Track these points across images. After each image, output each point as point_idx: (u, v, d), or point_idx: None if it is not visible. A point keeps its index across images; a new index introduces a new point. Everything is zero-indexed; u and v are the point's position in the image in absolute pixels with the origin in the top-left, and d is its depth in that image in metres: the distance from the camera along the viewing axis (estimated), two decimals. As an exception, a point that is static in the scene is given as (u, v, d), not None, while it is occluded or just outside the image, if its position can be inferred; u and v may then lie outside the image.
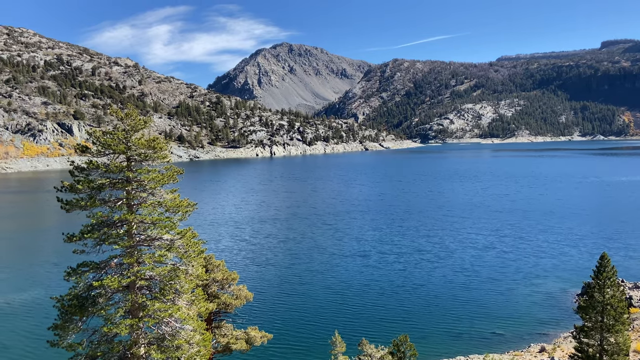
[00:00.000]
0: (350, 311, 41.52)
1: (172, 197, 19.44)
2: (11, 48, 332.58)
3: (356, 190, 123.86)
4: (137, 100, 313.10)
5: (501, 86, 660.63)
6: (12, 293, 46.61)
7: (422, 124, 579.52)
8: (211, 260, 26.44)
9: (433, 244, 64.10)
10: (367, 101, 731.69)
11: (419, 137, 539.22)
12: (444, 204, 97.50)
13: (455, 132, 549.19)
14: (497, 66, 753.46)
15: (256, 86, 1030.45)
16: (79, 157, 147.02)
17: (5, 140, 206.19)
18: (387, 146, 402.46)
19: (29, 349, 34.86)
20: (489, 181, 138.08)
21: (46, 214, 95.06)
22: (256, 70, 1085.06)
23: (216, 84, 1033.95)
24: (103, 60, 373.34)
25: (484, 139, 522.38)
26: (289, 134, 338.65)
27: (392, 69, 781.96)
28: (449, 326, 38.21)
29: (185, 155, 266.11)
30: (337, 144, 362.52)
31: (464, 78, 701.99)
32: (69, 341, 17.56)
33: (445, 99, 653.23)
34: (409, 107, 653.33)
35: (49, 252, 63.00)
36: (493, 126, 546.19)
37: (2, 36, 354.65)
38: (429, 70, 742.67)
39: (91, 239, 18.13)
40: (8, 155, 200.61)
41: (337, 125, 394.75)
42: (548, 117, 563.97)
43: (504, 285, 47.25)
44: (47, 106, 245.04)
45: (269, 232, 73.77)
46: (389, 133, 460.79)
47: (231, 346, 25.82)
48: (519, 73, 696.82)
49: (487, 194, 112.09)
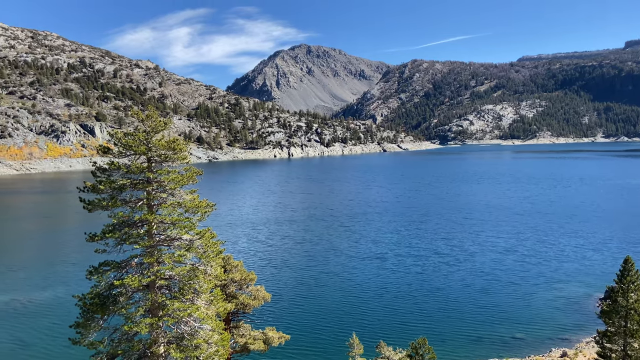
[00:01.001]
0: (368, 313, 41.34)
1: (192, 197, 19.64)
2: (35, 51, 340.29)
3: (373, 192, 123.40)
4: (157, 102, 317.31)
5: (522, 87, 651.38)
6: (34, 291, 47.62)
7: (441, 125, 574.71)
8: (229, 261, 26.61)
9: (452, 246, 63.45)
10: (386, 102, 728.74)
11: (437, 138, 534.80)
12: (463, 206, 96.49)
13: (474, 133, 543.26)
14: (518, 66, 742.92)
15: (274, 88, 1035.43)
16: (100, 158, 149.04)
17: (29, 142, 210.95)
18: (406, 147, 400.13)
19: (51, 346, 35.54)
20: (509, 183, 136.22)
21: (69, 214, 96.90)
22: (274, 71, 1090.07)
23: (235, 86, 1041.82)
24: (124, 63, 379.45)
25: (504, 141, 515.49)
26: (307, 136, 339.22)
27: (410, 70, 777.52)
28: (468, 330, 37.76)
29: (204, 157, 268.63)
30: (355, 145, 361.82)
31: (484, 79, 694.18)
32: (90, 339, 17.87)
33: (465, 100, 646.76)
34: (427, 108, 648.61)
35: (71, 252, 64.18)
36: (514, 127, 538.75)
37: (27, 39, 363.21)
38: (448, 71, 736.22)
39: (112, 238, 18.42)
40: (32, 156, 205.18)
41: (355, 127, 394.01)
42: (570, 118, 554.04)
43: (525, 290, 46.49)
44: (70, 108, 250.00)
45: (285, 233, 73.95)
46: (407, 134, 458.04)
47: (249, 346, 25.94)
48: (541, 73, 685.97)
49: (507, 196, 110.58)
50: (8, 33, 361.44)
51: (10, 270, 55.32)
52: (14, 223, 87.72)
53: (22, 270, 55.37)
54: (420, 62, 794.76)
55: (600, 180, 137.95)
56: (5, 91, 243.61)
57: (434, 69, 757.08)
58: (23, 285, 49.63)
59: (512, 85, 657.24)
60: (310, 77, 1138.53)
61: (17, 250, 66.05)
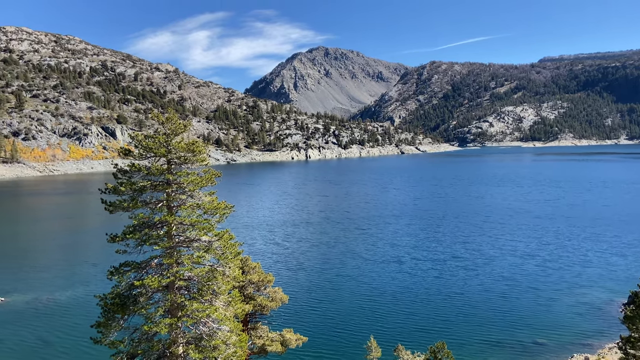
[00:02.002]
0: (385, 317, 41.09)
1: (210, 199, 19.82)
2: (59, 55, 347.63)
3: (391, 195, 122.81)
4: (176, 104, 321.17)
5: (543, 88, 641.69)
6: (57, 291, 48.52)
7: (460, 127, 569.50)
8: (247, 262, 26.75)
9: (470, 250, 62.72)
10: (404, 104, 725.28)
11: (456, 140, 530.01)
12: (482, 210, 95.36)
13: (494, 135, 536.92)
14: (539, 67, 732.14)
15: (292, 90, 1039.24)
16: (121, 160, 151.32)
17: (53, 144, 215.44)
18: (424, 150, 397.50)
19: (72, 345, 36.14)
20: (529, 186, 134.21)
21: (90, 215, 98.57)
22: (292, 74, 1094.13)
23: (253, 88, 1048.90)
24: (145, 66, 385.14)
25: (525, 143, 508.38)
26: (325, 138, 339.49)
27: (429, 72, 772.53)
28: (487, 335, 37.26)
29: (223, 159, 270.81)
30: (373, 147, 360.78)
31: (504, 80, 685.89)
32: (111, 339, 18.15)
33: (485, 102, 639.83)
34: (446, 110, 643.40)
35: (92, 252, 65.27)
36: (535, 129, 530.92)
37: (51, 44, 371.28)
38: (467, 73, 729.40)
39: (133, 239, 18.69)
40: (55, 158, 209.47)
41: (372, 129, 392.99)
42: (593, 120, 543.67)
43: (546, 295, 45.67)
44: (92, 111, 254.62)
45: (302, 235, 73.99)
46: (425, 136, 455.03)
47: (267, 348, 26.02)
48: (563, 74, 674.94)
49: (528, 199, 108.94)
50: (32, 37, 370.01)
51: (33, 270, 56.51)
52: (37, 224, 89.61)
53: (44, 270, 56.51)
54: (439, 63, 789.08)
55: (624, 184, 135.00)
56: (29, 94, 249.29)
57: (452, 70, 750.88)
58: (45, 284, 50.62)
59: (533, 87, 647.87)
60: (328, 79, 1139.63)
61: (40, 251, 67.44)
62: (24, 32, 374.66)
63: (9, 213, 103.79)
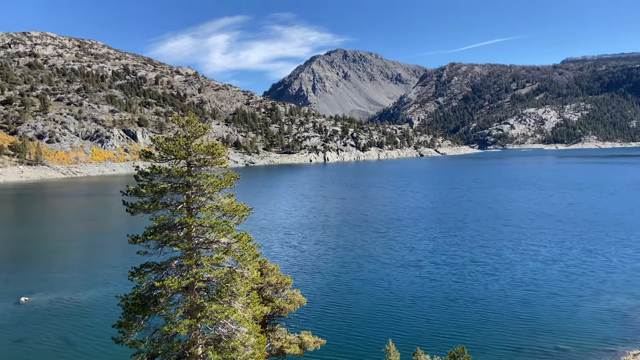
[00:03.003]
0: (403, 321, 40.76)
1: (229, 201, 19.96)
2: (82, 59, 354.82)
3: (409, 198, 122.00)
4: (196, 107, 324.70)
5: (566, 89, 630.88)
6: (79, 291, 49.38)
7: (481, 129, 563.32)
8: (266, 264, 26.85)
9: (490, 255, 61.84)
10: (423, 106, 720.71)
11: (477, 142, 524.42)
12: (502, 213, 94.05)
13: (516, 137, 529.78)
14: (561, 69, 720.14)
15: (310, 92, 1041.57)
16: (142, 162, 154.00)
17: (76, 146, 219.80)
18: (443, 152, 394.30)
19: (94, 345, 36.71)
20: (552, 189, 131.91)
21: (112, 216, 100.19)
22: (310, 76, 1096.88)
23: (271, 91, 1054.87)
24: (165, 70, 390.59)
25: (547, 145, 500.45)
26: (343, 140, 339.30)
27: (449, 73, 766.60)
28: (507, 340, 36.69)
29: (241, 161, 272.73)
30: (392, 149, 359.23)
31: (526, 81, 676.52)
32: (132, 339, 18.39)
33: (506, 104, 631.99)
34: (466, 112, 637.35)
35: (114, 253, 66.30)
36: (557, 131, 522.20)
37: (74, 48, 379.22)
38: (488, 74, 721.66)
39: (153, 240, 18.93)
40: (78, 160, 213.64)
41: (391, 131, 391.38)
42: (617, 122, 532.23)
43: (569, 301, 44.74)
44: (114, 114, 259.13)
45: (319, 238, 73.87)
46: (445, 139, 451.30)
47: (285, 350, 26.05)
48: (586, 76, 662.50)
49: (550, 202, 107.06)
50: (56, 42, 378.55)
51: (56, 271, 57.66)
52: (60, 225, 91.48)
53: (67, 271, 57.60)
54: (458, 65, 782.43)
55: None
56: (53, 98, 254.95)
57: (473, 72, 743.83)
58: (68, 285, 51.58)
59: (556, 88, 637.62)
60: (346, 82, 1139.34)
61: (62, 252, 68.78)
62: (48, 37, 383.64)
63: (33, 214, 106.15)
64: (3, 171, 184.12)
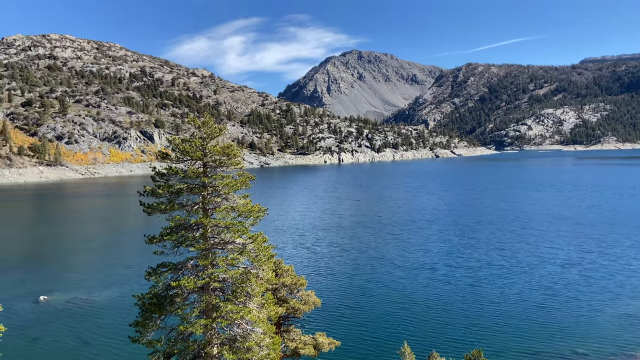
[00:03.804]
0: (418, 324, 40.47)
1: (245, 202, 20.05)
2: (100, 61, 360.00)
3: (424, 199, 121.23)
4: (212, 109, 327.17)
5: (585, 90, 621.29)
6: (96, 291, 50.04)
7: (497, 130, 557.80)
8: (280, 265, 26.89)
9: (507, 258, 61.06)
10: (438, 107, 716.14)
11: (493, 143, 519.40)
12: (519, 215, 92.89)
13: (533, 138, 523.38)
14: (580, 69, 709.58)
15: (325, 94, 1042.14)
16: (159, 163, 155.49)
17: (94, 147, 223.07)
18: (459, 153, 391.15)
19: (111, 344, 37.14)
20: (570, 191, 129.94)
21: (128, 217, 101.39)
22: (325, 77, 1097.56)
23: (286, 92, 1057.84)
24: (182, 72, 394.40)
25: (565, 146, 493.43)
26: (357, 141, 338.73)
27: (465, 74, 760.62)
28: (524, 345, 36.18)
29: (256, 162, 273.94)
30: (407, 150, 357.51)
31: (544, 82, 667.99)
32: (148, 338, 18.57)
33: (523, 104, 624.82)
34: (482, 113, 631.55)
35: (130, 253, 67.06)
36: (576, 132, 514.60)
37: (92, 50, 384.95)
38: (505, 75, 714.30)
39: (170, 240, 19.10)
40: (96, 161, 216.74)
41: (406, 132, 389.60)
42: (638, 123, 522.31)
43: (587, 305, 43.96)
44: (131, 115, 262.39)
45: (332, 240, 73.71)
46: (461, 140, 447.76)
47: (299, 351, 26.05)
48: (605, 76, 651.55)
49: (569, 205, 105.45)
50: (75, 45, 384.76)
51: (73, 270, 58.55)
52: (77, 225, 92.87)
53: (84, 270, 58.44)
54: (475, 65, 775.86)
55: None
56: (72, 100, 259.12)
57: (489, 72, 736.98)
58: (85, 284, 52.31)
59: (574, 89, 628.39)
60: (361, 83, 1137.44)
61: (80, 251, 69.81)
62: (67, 39, 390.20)
63: (51, 214, 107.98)
64: (23, 172, 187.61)
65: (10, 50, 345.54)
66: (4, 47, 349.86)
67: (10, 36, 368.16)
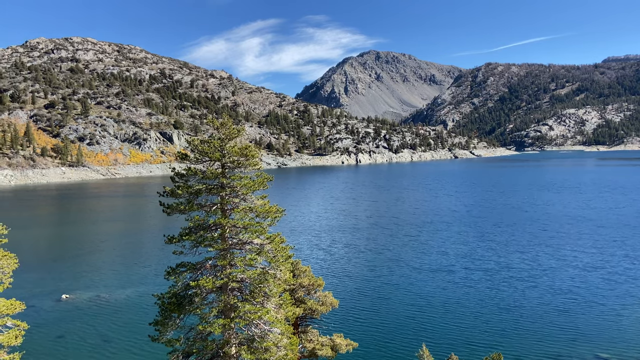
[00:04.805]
0: (435, 327, 40.09)
1: (262, 202, 20.14)
2: (121, 64, 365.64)
3: (442, 200, 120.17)
4: (230, 110, 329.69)
5: (608, 89, 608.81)
6: (117, 289, 50.79)
7: (517, 130, 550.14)
8: (298, 266, 26.93)
9: (527, 261, 60.11)
10: (457, 107, 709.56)
11: (513, 144, 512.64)
12: (540, 217, 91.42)
13: (554, 139, 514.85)
14: (603, 68, 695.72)
15: (342, 94, 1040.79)
16: (178, 164, 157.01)
17: (115, 148, 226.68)
18: (479, 154, 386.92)
19: (131, 342, 37.64)
20: (592, 193, 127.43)
21: (148, 217, 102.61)
22: (343, 78, 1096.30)
23: (304, 93, 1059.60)
24: (200, 73, 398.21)
25: (587, 147, 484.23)
26: (375, 142, 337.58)
27: (484, 74, 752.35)
28: (545, 349, 35.56)
29: (274, 163, 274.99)
30: (425, 151, 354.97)
31: (565, 81, 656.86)
32: (167, 337, 18.77)
33: (544, 104, 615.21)
34: (502, 113, 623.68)
35: (150, 253, 67.88)
36: (598, 132, 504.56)
37: (113, 53, 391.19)
38: (525, 74, 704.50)
39: (189, 241, 19.29)
40: (117, 162, 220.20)
41: (424, 133, 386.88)
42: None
43: (610, 310, 43.01)
44: (151, 117, 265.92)
45: (348, 241, 73.40)
46: (480, 140, 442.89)
47: (317, 352, 26.04)
48: (629, 75, 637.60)
49: (591, 206, 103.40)
50: (97, 47, 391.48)
51: (95, 269, 59.51)
52: (98, 225, 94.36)
53: (105, 269, 59.36)
54: (495, 65, 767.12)
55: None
56: (94, 101, 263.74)
57: (509, 72, 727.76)
58: (105, 283, 53.14)
59: (597, 88, 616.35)
60: (379, 83, 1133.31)
61: (101, 251, 70.94)
62: (89, 42, 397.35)
63: (73, 214, 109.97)
64: (46, 172, 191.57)
65: (34, 53, 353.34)
66: (28, 50, 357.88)
67: (33, 39, 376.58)
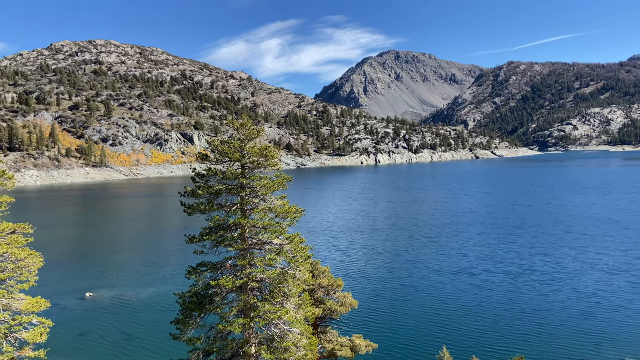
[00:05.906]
0: (455, 329, 39.64)
1: (282, 203, 20.20)
2: (143, 66, 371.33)
3: (462, 201, 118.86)
4: (249, 110, 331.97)
5: (634, 88, 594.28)
6: (138, 288, 51.55)
7: (540, 130, 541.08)
8: (317, 266, 26.95)
9: (549, 264, 58.96)
10: (478, 107, 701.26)
11: (536, 144, 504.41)
12: (563, 219, 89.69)
13: (579, 138, 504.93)
14: (628, 66, 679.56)
15: (362, 94, 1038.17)
16: (199, 164, 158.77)
17: (137, 149, 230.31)
18: (500, 154, 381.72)
19: (152, 340, 38.16)
20: (617, 194, 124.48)
21: (168, 216, 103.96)
22: (362, 78, 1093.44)
23: (323, 94, 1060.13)
24: (220, 74, 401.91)
25: (613, 147, 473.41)
26: (394, 142, 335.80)
27: (506, 73, 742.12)
28: (569, 354, 34.86)
29: (293, 163, 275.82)
30: (445, 151, 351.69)
31: (590, 80, 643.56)
32: (188, 335, 18.97)
33: (568, 103, 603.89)
34: (525, 113, 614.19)
35: (171, 252, 68.70)
36: (624, 132, 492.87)
37: (136, 55, 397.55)
38: (548, 73, 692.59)
39: (209, 240, 19.46)
40: (139, 162, 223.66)
41: (444, 133, 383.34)
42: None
43: (637, 314, 41.87)
44: (172, 118, 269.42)
45: (366, 242, 73.06)
46: (502, 140, 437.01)
47: (336, 352, 26.01)
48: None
49: (616, 208, 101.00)
50: (119, 50, 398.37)
51: (117, 268, 60.52)
52: (121, 224, 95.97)
53: (127, 268, 60.32)
54: (517, 64, 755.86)
55: None
56: (116, 103, 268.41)
57: (532, 70, 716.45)
58: (128, 282, 54.00)
59: (622, 87, 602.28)
60: (399, 83, 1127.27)
61: (123, 250, 72.13)
62: (112, 44, 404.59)
63: (96, 214, 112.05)
64: (70, 172, 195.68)
65: (59, 55, 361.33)
66: (53, 52, 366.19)
67: (58, 42, 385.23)
